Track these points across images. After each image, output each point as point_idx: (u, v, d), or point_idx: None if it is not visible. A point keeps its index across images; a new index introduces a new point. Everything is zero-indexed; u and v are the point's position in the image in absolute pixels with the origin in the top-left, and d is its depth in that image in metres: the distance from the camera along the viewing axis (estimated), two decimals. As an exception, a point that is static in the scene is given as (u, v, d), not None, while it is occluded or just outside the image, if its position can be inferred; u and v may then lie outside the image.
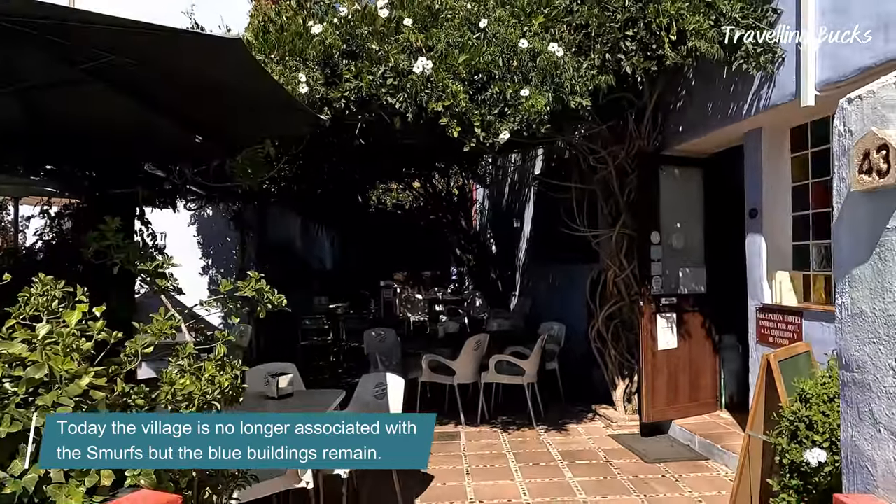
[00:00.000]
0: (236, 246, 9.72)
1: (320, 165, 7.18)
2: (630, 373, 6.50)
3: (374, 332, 7.42)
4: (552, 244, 9.74)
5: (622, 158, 5.97)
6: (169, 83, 3.49)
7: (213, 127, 4.05)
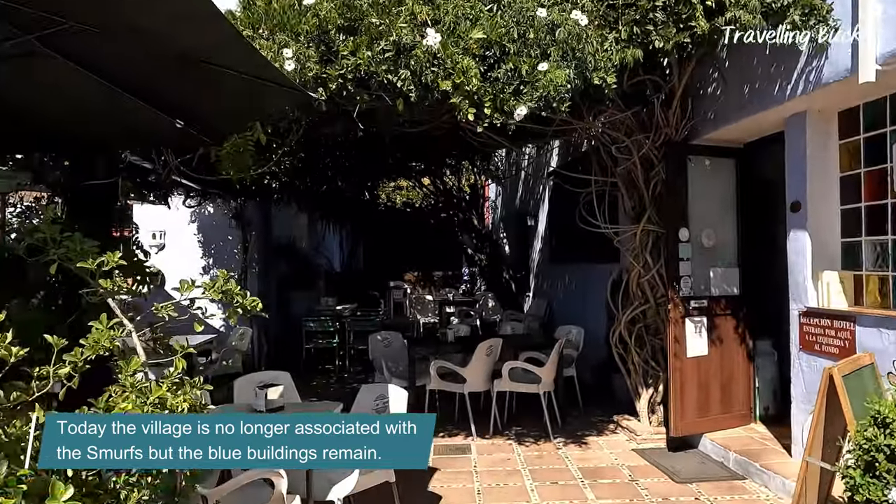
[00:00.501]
0: (238, 245, 9.32)
1: (322, 158, 6.74)
2: (655, 381, 6.00)
3: (380, 337, 6.97)
4: (569, 243, 9.25)
5: (647, 148, 5.47)
6: (139, 58, 3.07)
7: (192, 110, 3.61)
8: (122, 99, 3.38)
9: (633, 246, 5.77)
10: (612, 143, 5.65)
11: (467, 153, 9.13)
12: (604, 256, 7.84)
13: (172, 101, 3.52)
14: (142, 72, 3.29)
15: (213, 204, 9.29)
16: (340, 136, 6.39)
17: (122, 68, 3.25)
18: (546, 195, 10.72)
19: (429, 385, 6.22)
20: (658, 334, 5.93)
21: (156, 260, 9.35)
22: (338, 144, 6.76)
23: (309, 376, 9.32)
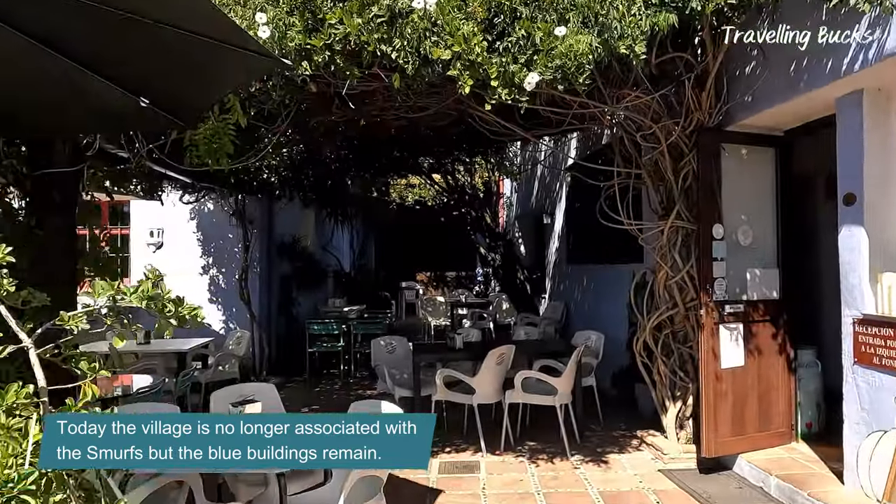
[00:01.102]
0: (238, 243, 8.88)
1: (323, 150, 6.26)
2: (684, 393, 5.44)
3: (384, 342, 6.48)
4: (588, 242, 8.69)
5: (677, 136, 4.92)
6: (88, 22, 2.61)
7: (153, 83, 3.14)
8: (74, 72, 2.93)
9: (659, 244, 5.22)
10: (636, 130, 5.10)
11: (479, 146, 8.61)
12: (625, 256, 7.29)
13: (130, 74, 3.05)
14: (93, 39, 2.83)
15: (212, 201, 8.86)
16: (340, 125, 5.90)
17: (70, 36, 2.79)
18: (563, 192, 10.17)
19: (434, 395, 5.71)
20: (687, 342, 5.38)
21: (154, 259, 8.96)
22: (339, 135, 6.27)
23: (313, 381, 8.87)
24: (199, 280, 8.98)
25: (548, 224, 11.13)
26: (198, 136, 3.72)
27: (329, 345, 9.09)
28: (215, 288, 8.99)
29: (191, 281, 8.95)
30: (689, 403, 5.41)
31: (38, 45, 2.73)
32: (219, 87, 3.05)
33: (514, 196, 14.46)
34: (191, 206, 8.95)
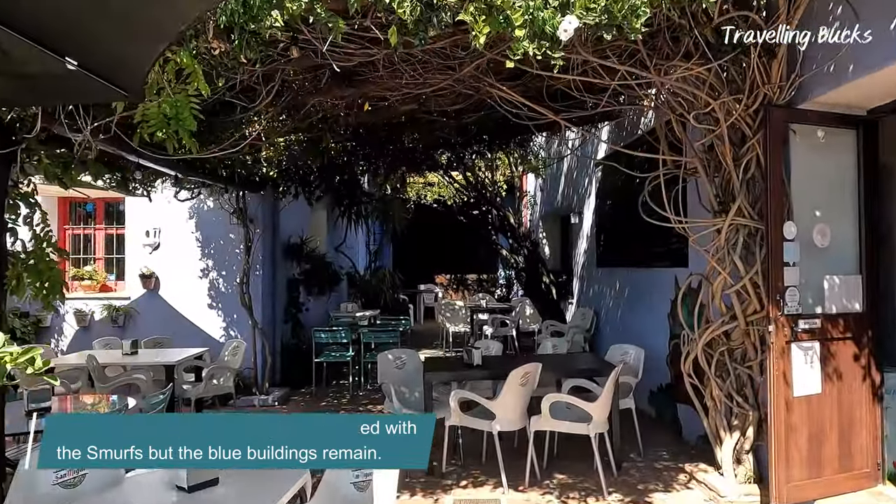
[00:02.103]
0: (241, 244, 8.20)
1: (324, 140, 5.53)
2: (742, 422, 4.59)
3: (391, 356, 5.72)
4: (621, 242, 7.85)
5: (738, 115, 4.09)
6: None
7: (81, 40, 2.43)
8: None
9: (715, 246, 4.39)
10: (689, 109, 4.28)
11: (500, 138, 7.83)
12: (666, 259, 6.45)
13: (48, 26, 2.34)
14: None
15: (212, 199, 8.20)
16: (341, 108, 5.16)
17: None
18: (593, 188, 9.32)
19: (448, 420, 4.94)
20: (746, 361, 4.54)
21: (150, 261, 8.33)
22: (342, 122, 5.54)
23: (320, 394, 8.16)
24: (199, 284, 8.33)
25: (575, 223, 10.29)
26: (150, 109, 3.00)
27: (338, 354, 8.37)
28: (215, 292, 8.33)
29: (189, 285, 8.30)
30: (748, 435, 4.55)
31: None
32: (151, 39, 2.31)
33: (538, 194, 13.63)
34: (189, 205, 8.30)
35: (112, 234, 8.82)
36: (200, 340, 7.87)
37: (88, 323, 8.26)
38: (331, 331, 8.11)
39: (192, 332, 8.15)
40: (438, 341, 12.43)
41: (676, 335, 6.22)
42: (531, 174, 13.87)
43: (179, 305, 8.29)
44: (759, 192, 4.25)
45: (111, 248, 8.83)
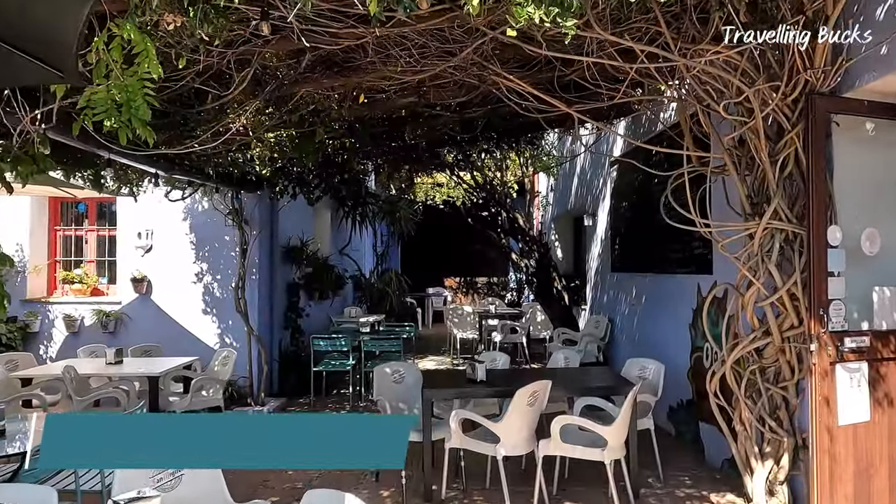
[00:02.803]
0: (236, 247, 7.81)
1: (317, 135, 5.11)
2: (775, 449, 4.11)
3: (389, 369, 5.28)
4: (638, 246, 7.37)
5: (775, 105, 3.61)
6: None
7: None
8: None
9: (747, 252, 3.91)
10: (718, 99, 3.81)
11: (510, 136, 7.38)
12: (688, 265, 5.97)
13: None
14: None
15: (207, 199, 7.82)
16: (333, 100, 4.74)
17: None
18: (608, 189, 8.84)
19: (448, 442, 4.49)
20: (780, 382, 4.06)
21: (142, 264, 7.97)
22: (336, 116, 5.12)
23: (318, 405, 7.75)
24: (192, 288, 7.94)
25: (589, 226, 9.81)
26: (97, 94, 2.59)
27: (337, 363, 7.96)
28: (210, 297, 7.94)
29: (182, 289, 7.92)
30: (783, 464, 4.07)
31: None
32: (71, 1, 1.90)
33: (549, 195, 13.16)
34: (183, 206, 7.93)
35: (105, 236, 8.47)
36: (193, 348, 7.48)
37: (78, 328, 7.91)
38: (330, 338, 7.69)
39: (185, 339, 7.77)
40: (446, 347, 11.99)
41: (699, 347, 5.75)
42: (542, 174, 13.40)
43: (172, 311, 7.91)
44: (797, 192, 3.78)
45: (103, 249, 8.48)
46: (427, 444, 4.59)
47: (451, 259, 18.08)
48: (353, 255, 12.56)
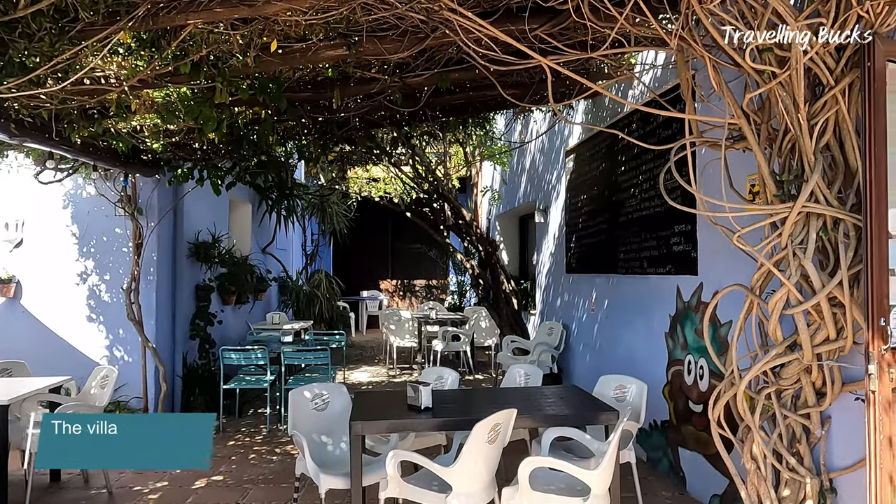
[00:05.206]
0: (129, 242, 6.51)
1: (218, 95, 3.95)
2: (796, 493, 3.27)
3: (308, 393, 4.17)
4: (602, 244, 6.52)
5: (814, 53, 2.76)
6: None
7: None
8: None
9: (773, 243, 3.05)
10: (739, 46, 2.92)
11: (456, 113, 6.40)
12: (665, 263, 5.15)
13: None
14: None
15: (91, 182, 6.49)
16: (242, 49, 3.62)
17: None
18: (562, 183, 8.00)
19: (383, 490, 3.44)
20: (800, 408, 3.23)
21: (9, 261, 6.55)
22: (245, 70, 3.99)
23: (231, 428, 6.54)
24: (75, 291, 6.57)
25: (539, 223, 8.95)
26: None
27: (253, 379, 6.77)
28: (96, 302, 6.59)
29: (61, 292, 6.54)
30: (807, 510, 3.24)
31: None
32: None
33: (493, 193, 12.28)
34: (64, 192, 6.57)
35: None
36: (74, 364, 6.13)
37: None
38: (243, 350, 6.49)
39: (64, 353, 6.40)
40: (382, 356, 10.91)
41: (678, 360, 4.92)
42: (487, 170, 12.52)
43: (47, 318, 6.52)
44: (837, 168, 2.95)
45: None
46: (356, 494, 3.53)
47: (388, 260, 17.00)
48: (279, 255, 11.31)
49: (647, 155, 5.39)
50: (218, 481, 4.99)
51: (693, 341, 4.67)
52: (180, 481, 4.96)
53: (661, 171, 5.15)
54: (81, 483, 4.93)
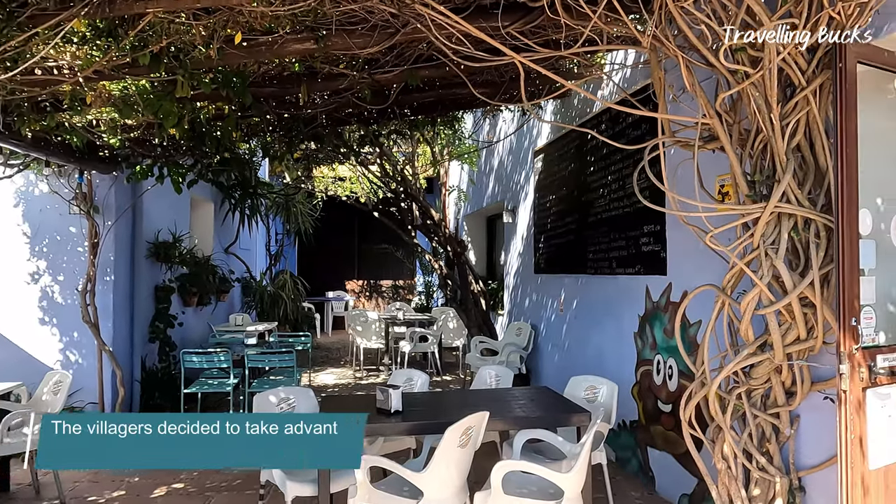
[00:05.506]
0: (84, 241, 6.26)
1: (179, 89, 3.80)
2: (766, 492, 3.29)
3: (274, 398, 4.05)
4: (570, 245, 6.52)
5: (786, 55, 2.77)
6: None
7: None
8: None
9: (745, 244, 3.05)
10: (713, 45, 2.92)
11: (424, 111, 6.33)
12: (634, 264, 5.15)
13: None
14: None
15: (45, 180, 6.22)
16: (206, 40, 3.48)
17: None
18: (531, 183, 8.00)
19: (352, 498, 3.34)
20: (769, 407, 3.25)
21: (-44, 261, 6.23)
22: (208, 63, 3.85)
23: (190, 435, 6.30)
24: (26, 292, 6.29)
25: (508, 223, 8.94)
26: None
27: (216, 382, 6.58)
28: (49, 304, 6.32)
29: (11, 293, 6.25)
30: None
31: None
32: None
33: (461, 193, 12.24)
34: (15, 188, 6.28)
35: None
36: (24, 369, 5.87)
37: None
38: (205, 353, 6.30)
39: (13, 357, 6.12)
40: (348, 358, 10.76)
41: (647, 360, 4.94)
42: (454, 169, 12.47)
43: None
44: (807, 168, 2.97)
45: None
46: (324, 501, 3.42)
47: (354, 260, 16.83)
48: (242, 255, 11.06)
49: (617, 155, 5.40)
50: (179, 489, 4.81)
51: (662, 341, 4.69)
52: (138, 489, 4.77)
53: (630, 171, 5.16)
54: (32, 494, 4.70)
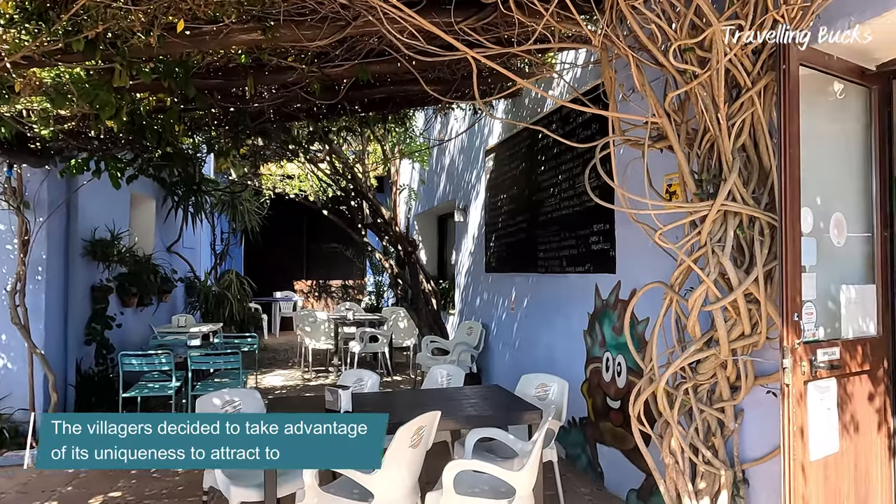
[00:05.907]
0: (14, 239, 5.93)
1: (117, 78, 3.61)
2: (712, 484, 3.36)
3: (219, 400, 3.90)
4: (521, 244, 6.55)
5: (732, 56, 2.82)
6: None
7: None
8: None
9: (692, 241, 3.10)
10: (663, 43, 2.96)
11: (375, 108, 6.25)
12: (583, 262, 5.21)
13: None
14: None
15: (-30, 172, 5.85)
16: (145, 26, 3.32)
17: None
18: (482, 182, 8.00)
19: (300, 502, 3.25)
20: (715, 402, 3.32)
21: None
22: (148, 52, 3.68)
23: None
24: (-53, 293, 5.91)
25: (459, 222, 8.93)
26: None
27: (157, 386, 6.33)
28: (-28, 305, 5.96)
29: (-68, 294, 5.87)
30: (720, 502, 3.33)
31: None
32: None
33: (411, 192, 12.17)
34: (-64, 181, 5.89)
35: None
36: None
37: None
38: (145, 355, 6.05)
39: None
40: (296, 359, 10.56)
41: (597, 358, 4.99)
42: (405, 168, 12.40)
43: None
44: (751, 167, 3.04)
45: None
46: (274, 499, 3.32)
47: (302, 259, 16.54)
48: (185, 254, 10.72)
49: (567, 155, 5.45)
50: (115, 498, 4.60)
51: (611, 338, 4.74)
52: (70, 500, 4.54)
53: (580, 170, 5.21)
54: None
